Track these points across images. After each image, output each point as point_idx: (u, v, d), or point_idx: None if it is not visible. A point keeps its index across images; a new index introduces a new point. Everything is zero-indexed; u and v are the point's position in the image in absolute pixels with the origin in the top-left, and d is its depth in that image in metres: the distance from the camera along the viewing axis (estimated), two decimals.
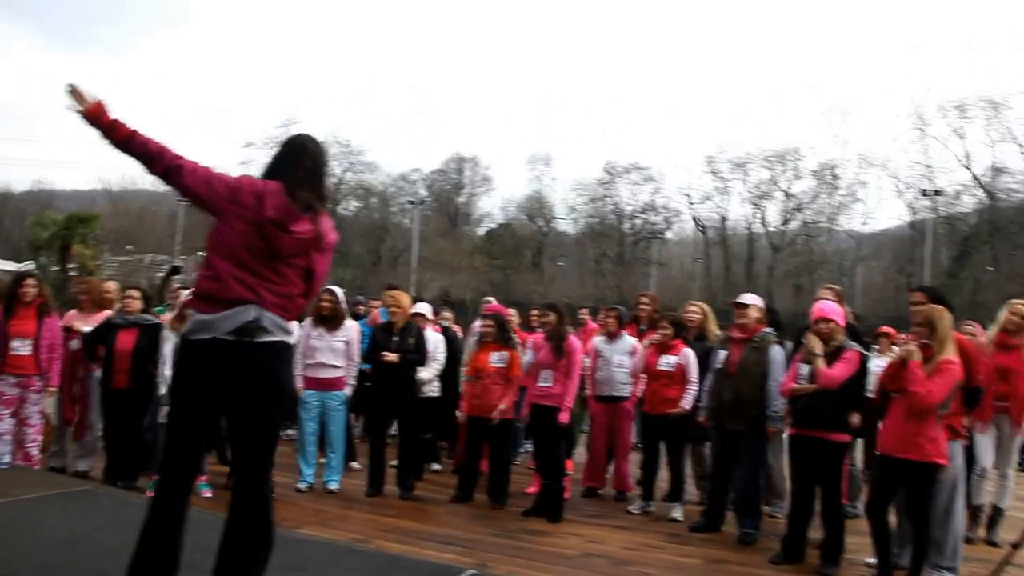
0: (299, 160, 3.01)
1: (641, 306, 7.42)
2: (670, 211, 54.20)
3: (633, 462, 6.98)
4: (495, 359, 6.47)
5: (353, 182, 57.85)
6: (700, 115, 66.77)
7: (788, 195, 49.68)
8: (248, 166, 52.17)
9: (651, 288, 44.61)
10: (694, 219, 53.59)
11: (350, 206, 58.92)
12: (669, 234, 55.41)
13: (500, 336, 6.56)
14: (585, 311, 10.45)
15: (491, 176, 59.95)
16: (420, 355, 6.75)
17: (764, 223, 51.11)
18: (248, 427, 2.93)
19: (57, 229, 25.77)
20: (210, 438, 3.00)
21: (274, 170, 3.00)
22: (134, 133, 2.83)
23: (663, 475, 6.60)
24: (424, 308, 7.77)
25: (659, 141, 76.13)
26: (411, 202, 53.53)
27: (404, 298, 6.90)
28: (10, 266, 16.47)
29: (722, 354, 5.78)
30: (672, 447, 6.40)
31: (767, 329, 5.91)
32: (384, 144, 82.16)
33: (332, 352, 6.58)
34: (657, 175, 53.70)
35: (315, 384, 6.62)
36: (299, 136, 3.10)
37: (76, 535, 3.83)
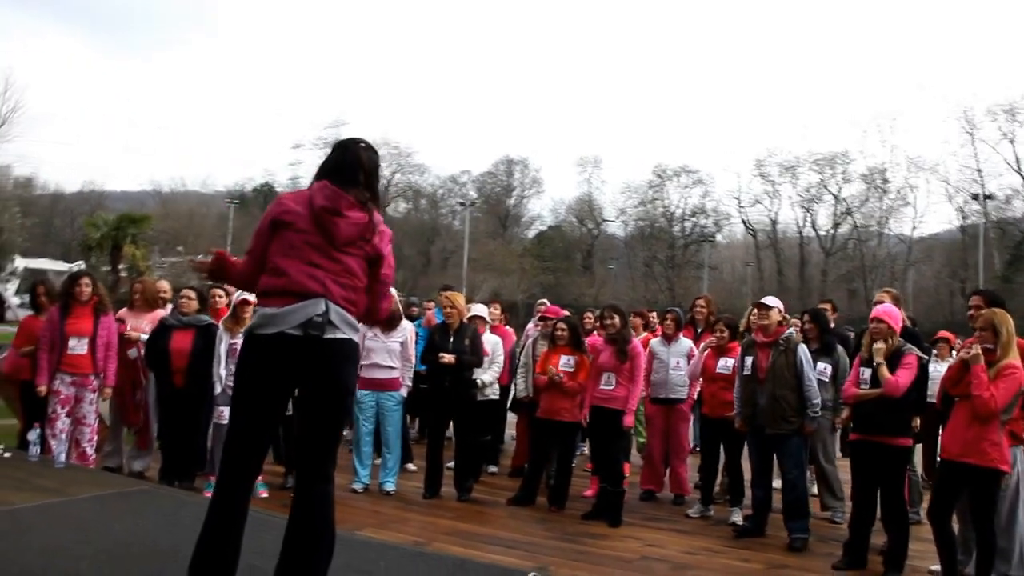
0: (347, 161, 3.04)
1: (698, 309, 7.34)
2: (720, 214, 53.85)
3: (692, 466, 6.89)
4: (564, 363, 6.44)
5: (403, 184, 58.37)
6: (749, 118, 65.97)
7: (838, 199, 48.99)
8: (297, 167, 53.06)
9: (703, 291, 44.19)
10: (744, 222, 53.12)
11: (400, 208, 59.43)
12: (719, 237, 55.00)
13: (572, 340, 6.53)
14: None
15: (541, 178, 60.07)
16: (476, 356, 6.73)
17: (815, 227, 50.43)
18: (313, 425, 2.91)
19: (108, 229, 26.38)
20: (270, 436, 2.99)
21: (323, 171, 3.04)
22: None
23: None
24: (481, 310, 7.77)
25: (708, 144, 75.47)
26: (461, 204, 53.78)
27: (460, 299, 6.90)
28: (61, 266, 16.91)
29: (748, 360, 5.69)
30: (730, 450, 6.30)
31: (790, 330, 5.87)
32: (434, 146, 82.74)
33: (388, 353, 6.60)
34: (707, 178, 53.43)
35: (371, 384, 6.64)
36: (347, 140, 3.14)
37: (133, 535, 3.86)
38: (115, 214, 28.55)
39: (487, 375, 7.16)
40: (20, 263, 24.06)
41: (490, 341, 7.28)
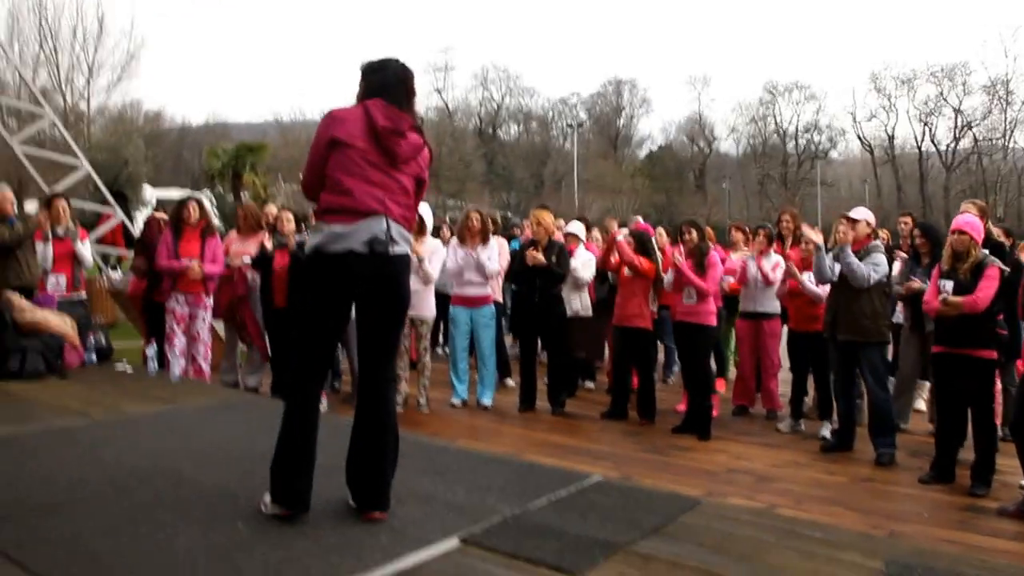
0: (395, 82, 3.04)
1: (784, 223, 7.05)
2: (834, 130, 51.62)
3: (786, 381, 6.75)
4: (628, 271, 6.49)
5: (513, 107, 58.20)
6: (863, 31, 61.81)
7: (958, 112, 45.83)
8: None
9: (818, 209, 42.55)
10: (859, 138, 50.61)
11: (511, 131, 59.37)
12: (834, 154, 52.72)
13: (639, 250, 6.50)
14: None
15: (650, 98, 58.87)
16: (561, 271, 6.70)
17: (934, 141, 47.53)
18: (377, 334, 3.02)
19: (228, 159, 27.42)
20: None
21: (372, 91, 3.03)
22: None
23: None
24: (576, 228, 7.74)
25: (821, 59, 71.35)
26: (571, 126, 53.17)
27: (546, 216, 6.87)
28: (176, 192, 17.74)
29: (837, 268, 5.45)
30: (818, 364, 6.13)
31: (876, 241, 5.59)
32: (542, 69, 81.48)
33: (478, 269, 6.71)
34: (820, 93, 51.10)
35: (464, 301, 6.80)
36: (388, 60, 3.10)
37: (232, 440, 4.11)
38: (236, 144, 29.71)
39: (576, 301, 7.16)
40: (150, 193, 25.37)
41: (582, 257, 7.24)
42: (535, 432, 6.09)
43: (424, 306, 6.59)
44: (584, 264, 7.21)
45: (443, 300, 7.28)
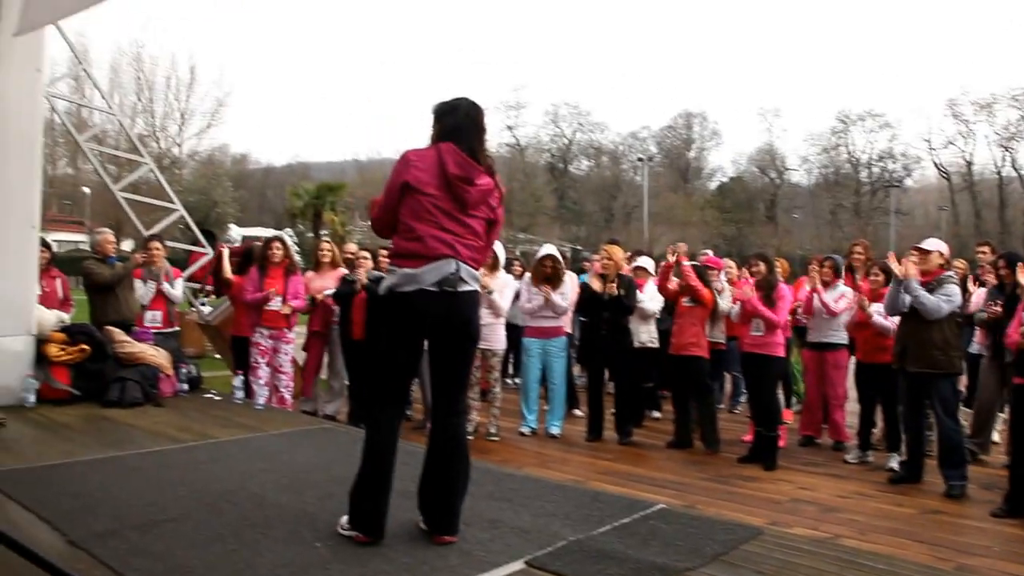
0: (467, 123, 3.14)
1: (855, 255, 6.98)
2: (909, 158, 50.21)
3: (853, 411, 6.64)
4: (687, 300, 6.56)
5: (583, 142, 58.41)
6: (938, 57, 60.14)
7: None
8: None
9: (892, 238, 41.40)
10: (936, 165, 49.16)
11: (582, 165, 59.55)
12: (909, 181, 51.30)
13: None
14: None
15: (720, 130, 58.49)
16: (629, 303, 6.79)
17: (1015, 166, 45.80)
18: (448, 367, 3.16)
19: (309, 198, 28.28)
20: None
21: (445, 133, 3.13)
22: None
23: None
24: (645, 262, 7.80)
25: (894, 86, 69.59)
26: (640, 159, 52.98)
27: (615, 251, 6.98)
28: (272, 232, 18.39)
29: (906, 299, 5.35)
30: (886, 396, 6.02)
31: (949, 272, 5.49)
32: (613, 104, 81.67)
33: (552, 304, 6.85)
34: (894, 121, 49.88)
35: (537, 332, 6.95)
36: (459, 100, 3.20)
37: (312, 464, 4.28)
38: (317, 184, 30.74)
39: (644, 332, 7.22)
40: (236, 231, 26.37)
41: (649, 291, 7.30)
42: (601, 460, 6.13)
43: (495, 338, 6.73)
44: (651, 297, 7.28)
45: (513, 332, 7.41)
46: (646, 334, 7.34)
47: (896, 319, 5.59)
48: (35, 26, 5.40)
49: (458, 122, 3.14)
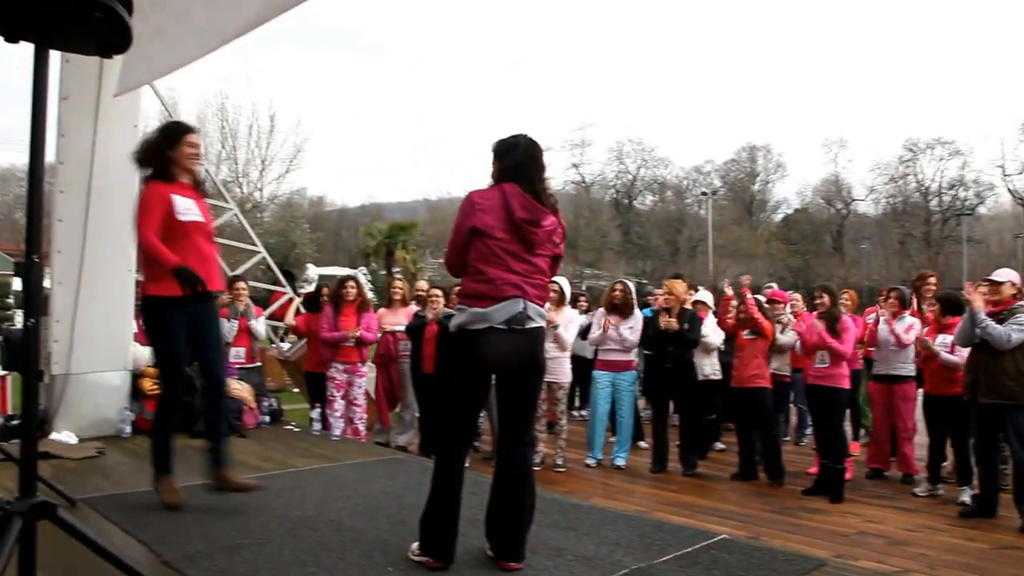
0: (528, 162, 3.21)
1: (927, 285, 6.83)
2: (982, 185, 48.37)
3: (923, 444, 6.47)
4: (748, 332, 6.51)
5: (648, 177, 58.11)
6: (1008, 81, 58.09)
7: None
8: (549, 167, 54.46)
9: (965, 267, 40.01)
10: (1011, 192, 47.31)
11: (646, 201, 59.26)
12: (982, 209, 49.37)
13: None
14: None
15: (784, 162, 57.38)
16: (693, 336, 6.81)
17: None
18: (516, 401, 3.23)
19: (382, 237, 28.88)
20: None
21: (506, 171, 3.21)
22: None
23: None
24: (705, 296, 7.81)
25: (964, 112, 67.37)
26: (704, 193, 52.55)
27: (677, 286, 6.99)
28: (347, 271, 18.89)
29: (978, 330, 5.21)
30: (956, 428, 5.85)
31: (1020, 302, 5.31)
32: (676, 139, 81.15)
33: (621, 339, 6.90)
34: (964, 148, 48.19)
35: (607, 366, 6.99)
36: (518, 138, 3.27)
37: (386, 492, 4.41)
38: (389, 224, 31.42)
39: (707, 365, 7.21)
40: (313, 271, 27.05)
41: (709, 324, 7.30)
42: (666, 491, 6.11)
43: (561, 371, 6.80)
44: (713, 329, 7.28)
45: (578, 364, 7.45)
46: (709, 366, 7.34)
47: (965, 352, 5.46)
48: (133, 87, 5.78)
49: (518, 160, 3.20)
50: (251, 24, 4.00)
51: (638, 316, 7.10)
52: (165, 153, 3.84)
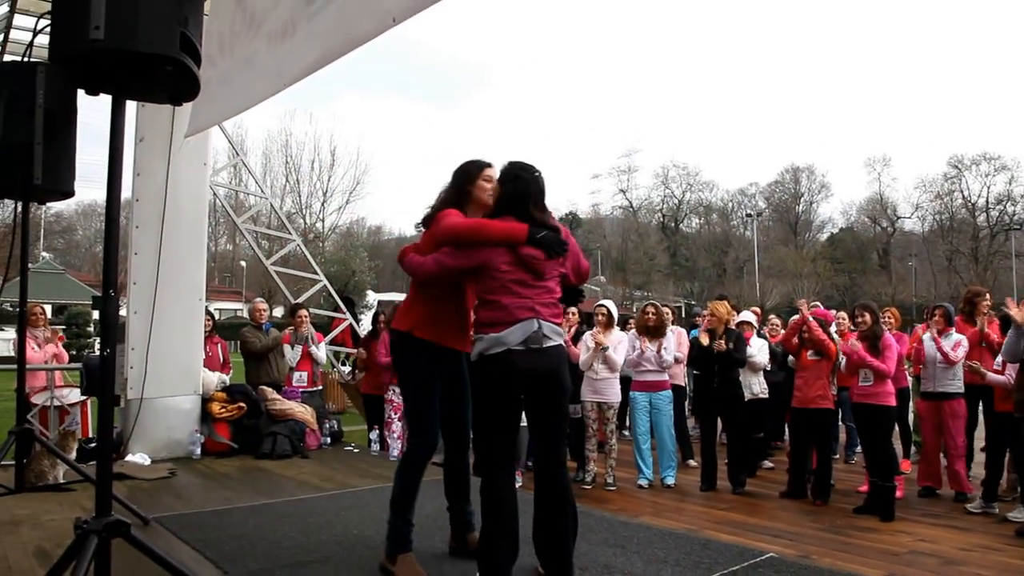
0: (523, 190, 3.21)
1: (980, 301, 6.60)
2: None
3: (979, 461, 6.24)
4: (812, 352, 6.31)
5: (693, 201, 57.86)
6: None
7: None
8: (597, 194, 54.14)
9: (1015, 282, 38.71)
10: None
11: (692, 223, 58.89)
12: None
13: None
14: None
15: (828, 182, 56.57)
16: (740, 356, 6.71)
17: None
18: (544, 419, 3.18)
19: None
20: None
21: (507, 201, 3.22)
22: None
23: None
24: (749, 316, 7.70)
25: (1010, 126, 65.37)
26: (749, 215, 52.04)
27: (719, 307, 6.90)
28: (396, 296, 19.12)
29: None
30: (1015, 445, 5.62)
31: None
32: (720, 162, 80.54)
33: (655, 357, 6.82)
34: (1011, 163, 46.75)
35: (643, 386, 6.91)
36: (512, 167, 3.28)
37: (440, 511, 4.31)
38: None
39: (755, 384, 7.09)
40: (373, 297, 27.50)
41: (755, 344, 7.19)
42: (716, 510, 5.98)
43: (610, 391, 6.75)
44: (760, 349, 7.15)
45: (628, 385, 7.37)
46: (757, 385, 7.21)
47: (1012, 372, 5.27)
48: (202, 128, 5.97)
49: (523, 189, 3.21)
50: (312, 67, 4.10)
51: (671, 336, 7.01)
52: (463, 188, 3.47)
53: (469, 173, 3.46)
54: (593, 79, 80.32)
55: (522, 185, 3.22)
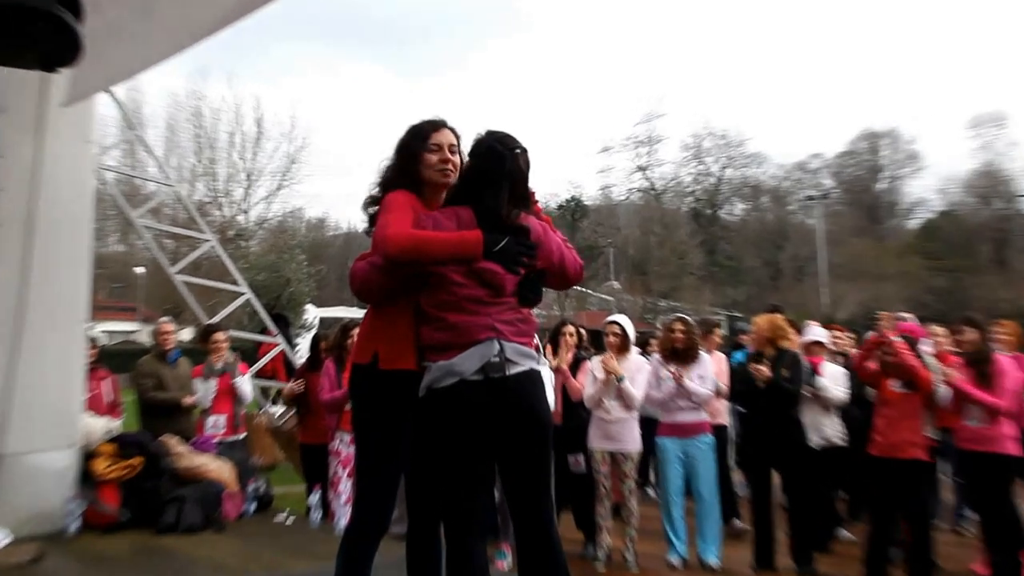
0: (494, 169, 3.23)
1: None
2: None
3: None
4: (898, 384, 6.24)
5: (736, 179, 57.71)
6: None
7: None
8: (607, 174, 54.21)
9: None
10: None
11: (735, 210, 58.87)
12: None
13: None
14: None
15: (919, 151, 56.67)
16: (793, 387, 6.68)
17: None
18: (519, 468, 3.16)
19: None
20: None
21: (468, 191, 3.27)
22: None
23: None
24: (819, 334, 7.67)
25: None
26: (811, 197, 52.07)
27: (763, 321, 6.93)
28: (357, 313, 18.97)
29: None
30: None
31: None
32: (771, 129, 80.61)
33: (689, 395, 6.82)
34: None
35: (674, 430, 6.89)
36: (486, 138, 3.30)
37: None
38: None
39: (826, 427, 7.09)
40: (313, 313, 27.42)
41: (829, 372, 7.20)
42: None
43: (628, 437, 6.76)
44: (835, 379, 7.13)
45: (650, 428, 7.37)
46: (830, 428, 7.19)
47: None
48: (86, 95, 5.92)
49: (488, 168, 3.24)
50: (230, 17, 4.10)
51: (707, 362, 7.03)
52: (407, 166, 3.46)
53: (411, 145, 3.45)
54: (600, 22, 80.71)
55: (494, 162, 3.23)
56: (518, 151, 3.27)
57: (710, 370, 6.98)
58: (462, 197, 3.27)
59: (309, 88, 78.17)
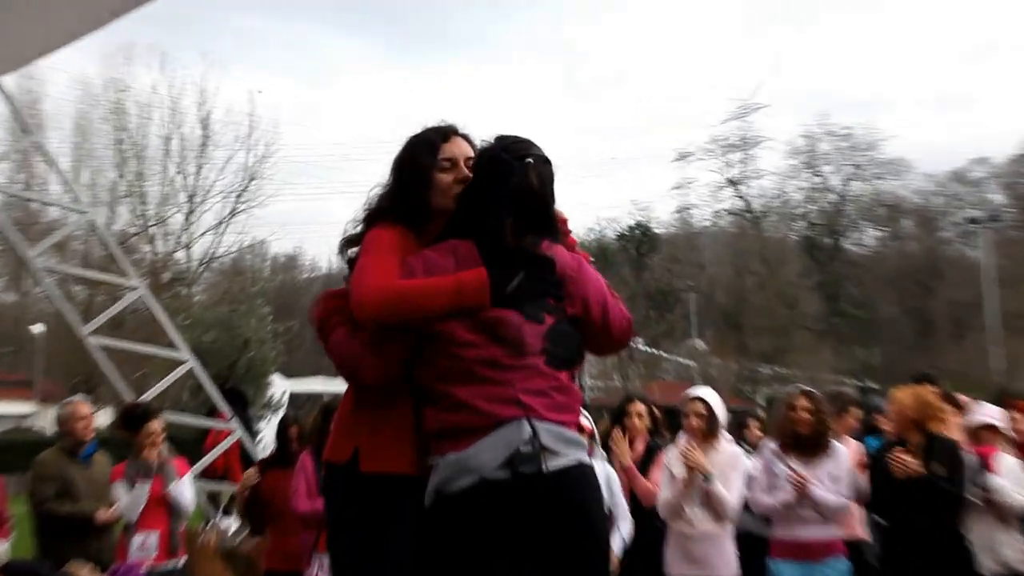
0: (492, 190, 3.27)
1: None
2: None
3: None
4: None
5: (866, 197, 57.35)
6: None
7: None
8: (686, 190, 54.20)
9: None
10: None
11: (865, 238, 58.51)
12: None
13: None
14: None
15: None
16: (953, 487, 6.65)
17: None
18: None
19: None
20: None
21: (468, 217, 3.30)
22: None
23: None
24: (991, 414, 7.61)
25: None
26: (973, 220, 51.78)
27: (904, 396, 6.94)
28: (340, 387, 19.25)
29: None
30: None
31: None
32: (912, 123, 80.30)
33: (815, 496, 6.78)
34: None
35: (794, 551, 6.87)
36: (494, 146, 3.37)
37: None
38: None
39: (1006, 546, 7.02)
40: (280, 387, 27.47)
41: (1005, 466, 7.14)
42: None
43: (720, 560, 6.78)
44: (1013, 477, 7.06)
45: (751, 547, 7.32)
46: (1009, 548, 7.10)
47: None
48: None
49: (491, 186, 3.28)
50: None
51: (841, 455, 7.01)
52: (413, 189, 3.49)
53: (415, 163, 3.46)
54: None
55: (497, 176, 3.25)
56: (530, 160, 3.27)
57: (845, 466, 6.96)
58: (461, 226, 3.28)
59: (275, 75, 79.07)
